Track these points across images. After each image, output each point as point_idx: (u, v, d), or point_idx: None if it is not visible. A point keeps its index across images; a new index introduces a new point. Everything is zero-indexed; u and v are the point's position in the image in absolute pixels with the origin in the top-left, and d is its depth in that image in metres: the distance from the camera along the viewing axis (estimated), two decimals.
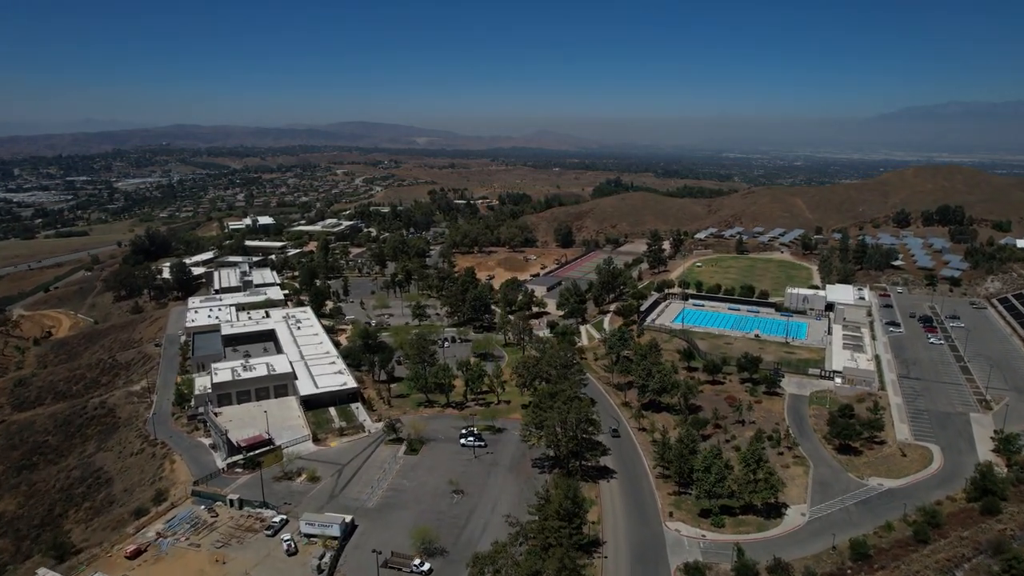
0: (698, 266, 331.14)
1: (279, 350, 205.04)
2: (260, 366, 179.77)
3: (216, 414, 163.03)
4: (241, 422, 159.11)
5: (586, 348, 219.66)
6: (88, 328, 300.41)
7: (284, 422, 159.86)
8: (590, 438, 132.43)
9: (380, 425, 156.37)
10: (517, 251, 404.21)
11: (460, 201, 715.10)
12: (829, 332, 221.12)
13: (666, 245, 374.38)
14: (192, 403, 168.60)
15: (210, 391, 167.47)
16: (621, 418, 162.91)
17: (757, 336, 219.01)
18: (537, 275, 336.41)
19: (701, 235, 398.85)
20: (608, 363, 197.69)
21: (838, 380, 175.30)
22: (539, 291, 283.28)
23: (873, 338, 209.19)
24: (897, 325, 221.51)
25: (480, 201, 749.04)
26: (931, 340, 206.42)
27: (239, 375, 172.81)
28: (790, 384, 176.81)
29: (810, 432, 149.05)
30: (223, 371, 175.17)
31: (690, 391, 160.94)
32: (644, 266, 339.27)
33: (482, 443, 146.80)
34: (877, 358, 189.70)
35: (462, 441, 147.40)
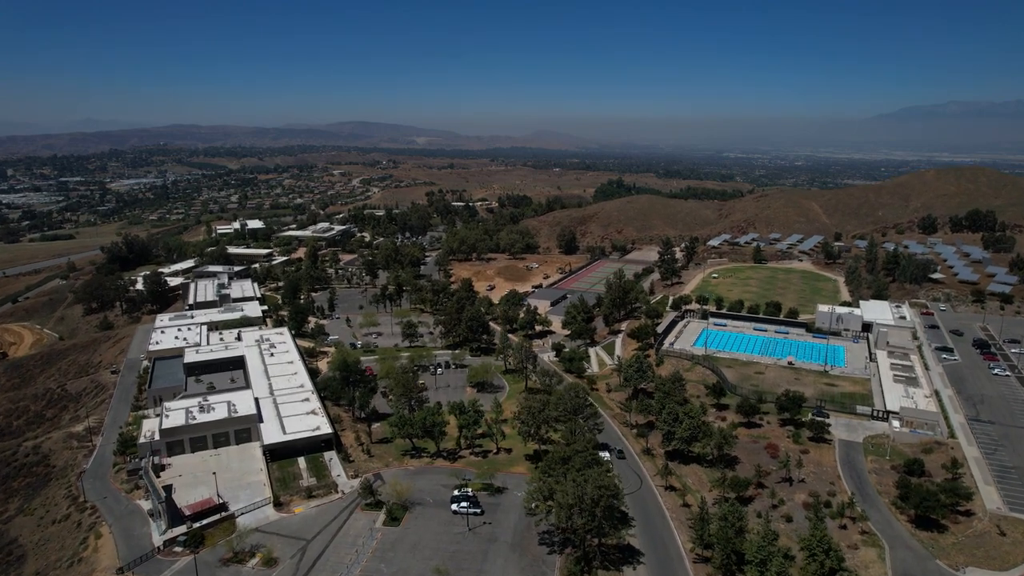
0: (714, 277, 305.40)
1: (247, 382, 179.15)
2: (220, 405, 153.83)
3: (162, 467, 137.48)
4: (192, 477, 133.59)
5: (597, 377, 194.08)
6: (48, 347, 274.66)
7: (243, 478, 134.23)
8: (613, 511, 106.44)
9: (356, 483, 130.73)
10: (518, 258, 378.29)
11: (458, 203, 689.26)
12: (871, 358, 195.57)
13: (678, 253, 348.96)
14: (137, 452, 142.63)
15: (157, 438, 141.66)
16: (644, 474, 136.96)
17: (791, 364, 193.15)
18: (539, 286, 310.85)
19: (714, 242, 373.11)
20: (624, 400, 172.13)
21: (895, 423, 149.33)
22: (542, 307, 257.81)
23: (926, 367, 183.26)
24: (950, 351, 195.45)
25: (479, 203, 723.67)
26: (994, 371, 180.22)
27: (194, 418, 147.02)
28: (838, 426, 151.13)
29: (875, 496, 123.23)
30: (175, 412, 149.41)
31: (726, 441, 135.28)
32: (656, 277, 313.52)
33: (478, 510, 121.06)
34: (936, 394, 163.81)
35: (454, 506, 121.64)
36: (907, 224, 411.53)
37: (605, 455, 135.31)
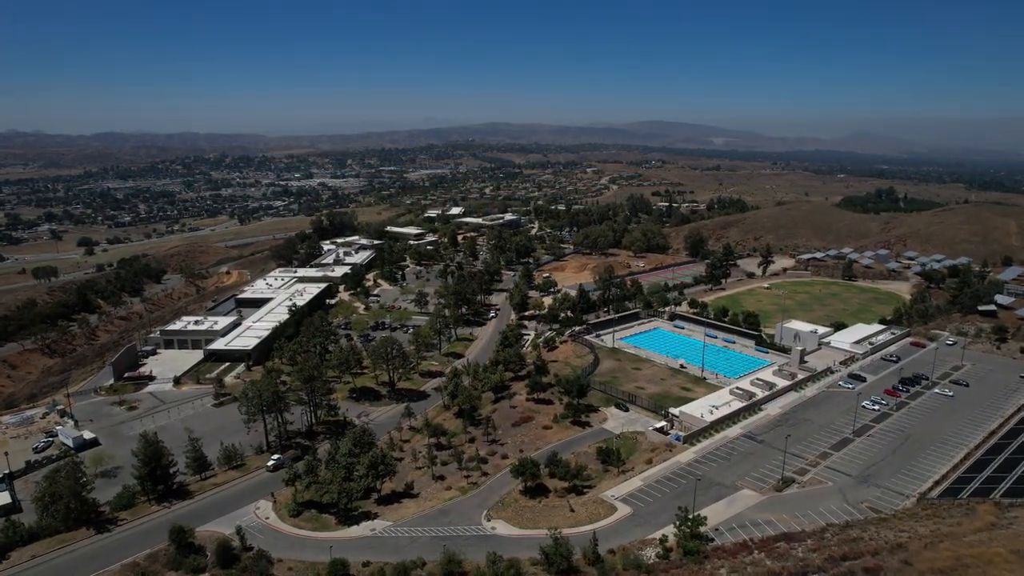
0: (765, 288, 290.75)
1: None
2: None
3: None
4: None
5: None
6: None
7: None
8: None
9: None
10: (609, 255, 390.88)
11: (663, 204, 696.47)
12: None
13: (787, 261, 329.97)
14: None
15: None
16: None
17: (683, 367, 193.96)
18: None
19: (818, 255, 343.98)
20: None
21: None
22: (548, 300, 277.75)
23: None
24: None
25: (686, 205, 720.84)
26: None
27: None
28: None
29: None
30: None
31: None
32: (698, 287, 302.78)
33: None
34: None
35: None
36: None
37: None
